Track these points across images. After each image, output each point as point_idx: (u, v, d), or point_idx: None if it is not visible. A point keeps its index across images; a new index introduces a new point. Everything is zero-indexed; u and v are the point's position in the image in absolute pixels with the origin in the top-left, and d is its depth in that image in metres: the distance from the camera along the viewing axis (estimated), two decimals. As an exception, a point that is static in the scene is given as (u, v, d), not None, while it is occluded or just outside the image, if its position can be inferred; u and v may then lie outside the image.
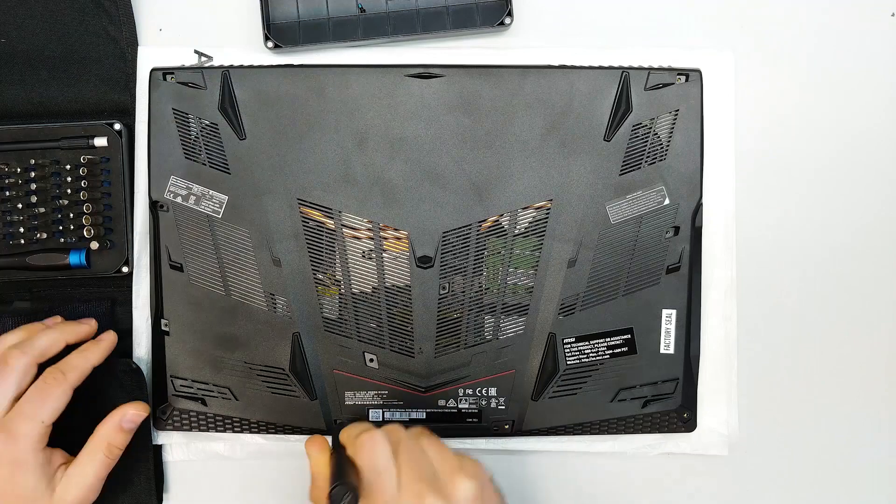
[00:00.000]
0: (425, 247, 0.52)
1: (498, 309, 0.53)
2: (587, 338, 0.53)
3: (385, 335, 0.53)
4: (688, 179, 0.53)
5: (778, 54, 0.57)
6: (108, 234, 0.53)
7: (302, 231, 0.52)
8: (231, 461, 0.55)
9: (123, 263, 0.53)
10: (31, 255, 0.52)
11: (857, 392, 0.56)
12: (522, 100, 0.52)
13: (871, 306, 0.57)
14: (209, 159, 0.52)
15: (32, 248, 0.53)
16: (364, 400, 0.53)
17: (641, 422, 0.54)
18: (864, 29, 0.57)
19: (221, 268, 0.52)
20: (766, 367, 0.56)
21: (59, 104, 0.54)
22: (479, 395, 0.53)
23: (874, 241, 0.57)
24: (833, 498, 0.56)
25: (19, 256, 0.53)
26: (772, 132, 0.57)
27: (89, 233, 0.53)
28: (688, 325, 0.54)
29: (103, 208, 0.53)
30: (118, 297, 0.54)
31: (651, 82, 0.53)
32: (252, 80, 0.52)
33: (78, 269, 0.53)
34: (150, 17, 0.55)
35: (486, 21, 0.54)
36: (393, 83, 0.52)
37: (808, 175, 0.57)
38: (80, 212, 0.53)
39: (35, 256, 0.52)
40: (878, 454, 0.57)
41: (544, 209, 0.53)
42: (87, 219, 0.53)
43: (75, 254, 0.52)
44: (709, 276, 0.55)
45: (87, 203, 0.53)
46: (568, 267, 0.53)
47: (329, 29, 0.54)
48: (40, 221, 0.53)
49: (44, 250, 0.53)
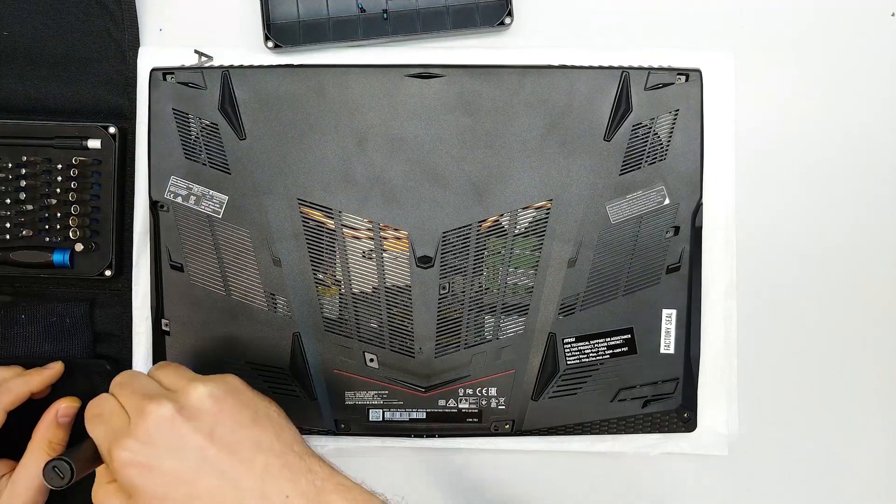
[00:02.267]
0: (425, 247, 0.52)
1: (498, 309, 0.53)
2: (587, 338, 0.53)
3: (385, 335, 0.53)
4: (688, 179, 0.53)
5: (778, 54, 0.57)
6: (94, 236, 0.53)
7: (302, 231, 0.52)
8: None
9: (107, 267, 0.53)
10: (15, 251, 0.53)
11: (857, 392, 0.56)
12: (522, 100, 0.52)
13: (872, 306, 0.57)
14: (209, 159, 0.52)
15: (17, 244, 0.53)
16: (364, 400, 0.53)
17: (641, 422, 0.54)
18: (864, 29, 0.57)
19: (221, 268, 0.52)
20: (766, 367, 0.56)
21: (56, 102, 0.54)
22: (479, 395, 0.53)
23: (874, 241, 0.57)
24: (833, 498, 0.56)
25: (3, 251, 0.53)
26: (772, 132, 0.57)
27: (75, 234, 0.53)
28: (688, 325, 0.54)
29: (91, 210, 0.53)
30: (99, 299, 0.54)
31: (651, 82, 0.53)
32: (252, 80, 0.52)
33: (61, 268, 0.53)
34: (150, 17, 0.55)
35: (486, 21, 0.54)
36: (393, 83, 0.52)
37: (808, 175, 0.57)
38: (67, 212, 0.53)
39: (19, 253, 0.53)
40: (878, 454, 0.57)
41: (544, 209, 0.53)
42: (74, 220, 0.53)
43: (59, 253, 0.52)
44: (709, 276, 0.55)
45: (76, 204, 0.53)
46: (568, 267, 0.53)
47: (329, 29, 0.54)
48: (27, 218, 0.53)
49: (28, 247, 0.53)
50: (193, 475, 0.40)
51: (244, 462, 0.40)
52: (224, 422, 0.41)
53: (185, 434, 0.40)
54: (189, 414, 0.41)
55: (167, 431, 0.40)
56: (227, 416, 0.41)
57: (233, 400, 0.42)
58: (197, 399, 0.41)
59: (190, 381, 0.42)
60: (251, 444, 0.41)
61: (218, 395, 0.42)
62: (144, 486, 0.39)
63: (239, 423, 0.41)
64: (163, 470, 0.39)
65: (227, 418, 0.41)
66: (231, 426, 0.41)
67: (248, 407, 0.43)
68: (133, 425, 0.40)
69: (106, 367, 0.53)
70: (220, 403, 0.42)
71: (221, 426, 0.41)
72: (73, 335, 0.53)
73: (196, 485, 0.40)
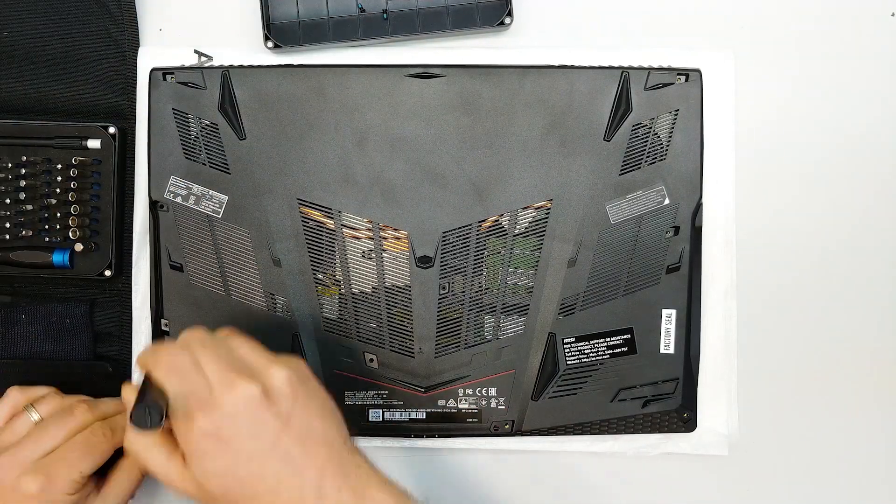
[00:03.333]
0: (425, 247, 0.52)
1: (498, 309, 0.53)
2: (587, 338, 0.53)
3: (385, 335, 0.53)
4: (688, 179, 0.53)
5: (778, 54, 0.57)
6: (94, 236, 0.53)
7: (302, 231, 0.52)
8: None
9: (107, 267, 0.53)
10: (14, 251, 0.53)
11: (857, 392, 0.56)
12: (522, 100, 0.52)
13: (872, 306, 0.57)
14: (209, 159, 0.52)
15: (17, 244, 0.53)
16: (364, 400, 0.53)
17: (641, 422, 0.54)
18: (864, 29, 0.57)
19: (221, 268, 0.52)
20: (766, 366, 0.56)
21: (55, 102, 0.54)
22: (479, 395, 0.53)
23: (874, 241, 0.57)
24: (833, 498, 0.56)
25: (3, 251, 0.53)
26: (772, 132, 0.57)
27: (75, 234, 0.53)
28: (688, 325, 0.54)
29: (91, 211, 0.53)
30: (99, 299, 0.54)
31: (651, 82, 0.53)
32: (252, 80, 0.52)
33: (61, 268, 0.53)
34: (150, 17, 0.55)
35: (486, 21, 0.54)
36: (393, 83, 0.52)
37: (808, 175, 0.57)
38: (67, 212, 0.53)
39: (19, 253, 0.53)
40: (878, 454, 0.57)
41: (544, 209, 0.53)
42: (74, 220, 0.53)
43: (59, 253, 0.52)
44: (709, 276, 0.55)
45: (75, 204, 0.53)
46: (568, 267, 0.53)
47: (329, 29, 0.54)
48: (27, 218, 0.53)
49: (28, 247, 0.53)
50: (263, 458, 0.40)
51: (310, 452, 0.41)
52: (299, 411, 0.42)
53: (266, 418, 0.41)
54: (272, 398, 0.41)
55: (252, 412, 0.41)
56: (301, 405, 0.42)
57: (305, 388, 0.43)
58: (279, 383, 0.42)
59: (271, 363, 0.43)
60: (319, 436, 0.42)
61: (295, 381, 0.42)
62: (216, 458, 0.40)
63: (311, 413, 0.42)
64: (237, 448, 0.40)
65: (301, 407, 0.42)
66: (305, 416, 0.42)
67: (317, 397, 0.44)
68: (219, 397, 0.41)
69: (108, 370, 0.53)
70: (296, 390, 0.42)
71: (297, 415, 0.42)
72: (74, 335, 0.53)
73: (263, 468, 0.40)
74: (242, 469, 0.40)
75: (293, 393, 0.42)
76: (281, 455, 0.41)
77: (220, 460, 0.40)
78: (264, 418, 0.41)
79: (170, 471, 0.42)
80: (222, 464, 0.40)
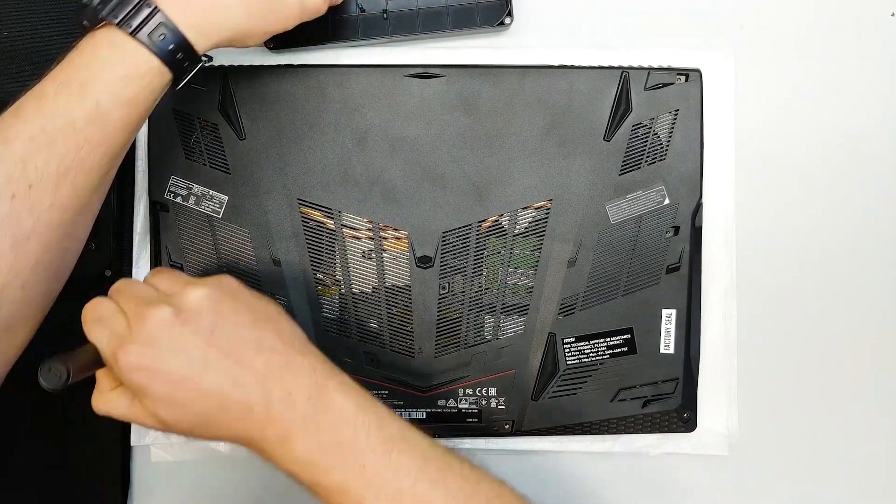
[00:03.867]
0: (425, 247, 0.52)
1: (498, 309, 0.53)
2: (587, 338, 0.53)
3: (385, 335, 0.53)
4: (688, 179, 0.53)
5: (778, 54, 0.57)
6: (94, 236, 0.53)
7: (302, 231, 0.52)
8: (231, 460, 0.55)
9: (107, 267, 0.53)
10: None
11: (857, 392, 0.56)
12: (522, 100, 0.52)
13: (872, 306, 0.57)
14: (209, 159, 0.52)
15: None
16: (364, 400, 0.53)
17: (641, 422, 0.54)
18: (864, 29, 0.57)
19: (221, 268, 0.52)
20: (766, 366, 0.56)
21: None
22: (479, 395, 0.53)
23: (874, 241, 0.57)
24: (833, 498, 0.56)
25: None
26: (772, 132, 0.57)
27: None
28: (688, 325, 0.54)
29: None
30: None
31: (651, 82, 0.53)
32: (252, 81, 0.52)
33: None
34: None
35: (486, 21, 0.54)
36: (393, 83, 0.52)
37: (808, 175, 0.57)
38: None
39: None
40: (878, 454, 0.57)
41: (544, 209, 0.53)
42: (74, 219, 0.53)
43: None
44: (709, 275, 0.55)
45: (76, 204, 0.53)
46: (568, 267, 0.53)
47: (329, 29, 0.54)
48: (27, 219, 0.53)
49: None
50: (197, 375, 0.40)
51: (245, 361, 0.40)
52: (223, 323, 0.41)
53: (184, 336, 0.40)
54: (187, 316, 0.41)
55: (167, 334, 0.40)
56: (225, 317, 0.41)
57: (230, 301, 0.42)
58: (194, 301, 0.41)
59: (186, 285, 0.42)
60: (252, 344, 0.41)
61: (215, 296, 0.41)
62: (151, 387, 0.40)
63: (238, 323, 0.41)
64: (167, 371, 0.40)
65: (225, 319, 0.41)
66: (230, 327, 0.41)
67: (247, 307, 0.42)
68: (133, 330, 0.40)
69: None
70: (217, 305, 0.41)
71: (220, 327, 0.41)
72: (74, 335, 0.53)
73: (200, 385, 0.40)
74: (180, 392, 0.40)
75: (214, 307, 0.41)
76: (214, 369, 0.40)
77: (159, 388, 0.40)
78: (183, 337, 0.40)
79: (137, 414, 0.41)
80: (161, 391, 0.40)
